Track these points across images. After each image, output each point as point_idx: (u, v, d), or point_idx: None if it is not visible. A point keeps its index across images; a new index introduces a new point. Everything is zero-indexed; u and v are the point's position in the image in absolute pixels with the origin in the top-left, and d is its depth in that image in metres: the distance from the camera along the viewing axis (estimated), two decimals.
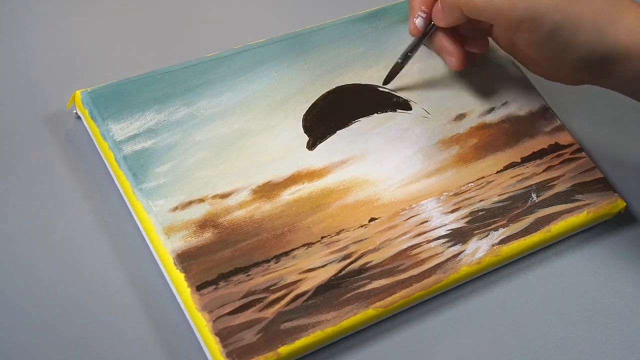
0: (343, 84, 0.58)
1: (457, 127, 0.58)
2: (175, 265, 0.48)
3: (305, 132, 0.55)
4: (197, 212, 0.50)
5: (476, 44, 0.58)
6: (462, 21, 0.55)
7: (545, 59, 0.53)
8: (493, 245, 0.53)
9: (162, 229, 0.49)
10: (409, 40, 0.59)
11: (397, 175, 0.55)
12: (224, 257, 0.49)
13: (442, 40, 0.58)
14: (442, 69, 0.60)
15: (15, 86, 0.56)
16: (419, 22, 0.57)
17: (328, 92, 0.57)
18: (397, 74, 0.58)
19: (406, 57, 0.58)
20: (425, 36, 0.58)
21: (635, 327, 0.53)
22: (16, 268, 0.49)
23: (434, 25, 0.57)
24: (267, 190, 0.52)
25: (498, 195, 0.55)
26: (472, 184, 0.56)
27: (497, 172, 0.56)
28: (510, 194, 0.55)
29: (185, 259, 0.48)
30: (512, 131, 0.59)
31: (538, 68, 0.56)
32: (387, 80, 0.58)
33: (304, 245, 0.50)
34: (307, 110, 0.56)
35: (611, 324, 0.53)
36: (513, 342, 0.52)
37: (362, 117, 0.57)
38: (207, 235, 0.49)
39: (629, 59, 0.50)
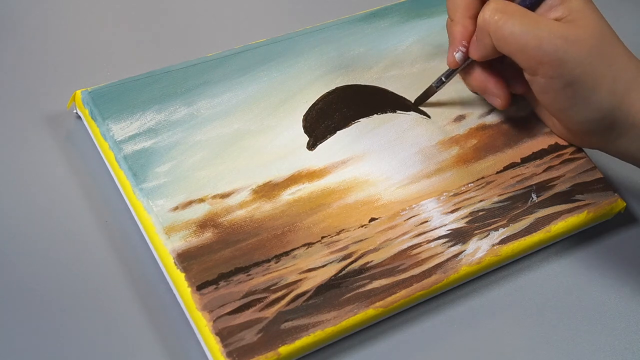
0: (343, 84, 0.58)
1: (456, 128, 0.58)
2: (176, 265, 0.48)
3: (306, 132, 0.55)
4: (198, 211, 0.50)
5: (515, 85, 0.57)
6: (492, 54, 0.54)
7: (556, 111, 0.53)
8: (493, 245, 0.53)
9: (163, 229, 0.49)
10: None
11: (397, 176, 0.55)
12: (224, 257, 0.49)
13: (484, 81, 0.56)
14: (443, 70, 0.60)
15: (15, 86, 0.56)
16: (458, 56, 0.55)
17: (328, 93, 0.57)
18: (429, 98, 0.58)
19: (441, 82, 0.58)
20: (460, 67, 0.57)
21: (636, 327, 0.53)
22: (16, 268, 0.49)
23: (469, 58, 0.56)
24: (268, 190, 0.52)
25: (498, 196, 0.55)
26: (472, 184, 0.56)
27: (497, 172, 0.57)
28: (510, 194, 0.56)
29: (185, 258, 0.48)
30: (512, 132, 0.59)
31: (551, 123, 0.57)
32: (418, 102, 0.58)
33: (304, 245, 0.50)
34: (307, 111, 0.56)
35: (611, 324, 0.53)
36: (513, 342, 0.52)
37: (362, 117, 0.57)
38: (208, 235, 0.49)
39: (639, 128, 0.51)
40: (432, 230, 0.53)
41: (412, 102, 0.58)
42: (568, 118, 0.53)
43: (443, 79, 0.58)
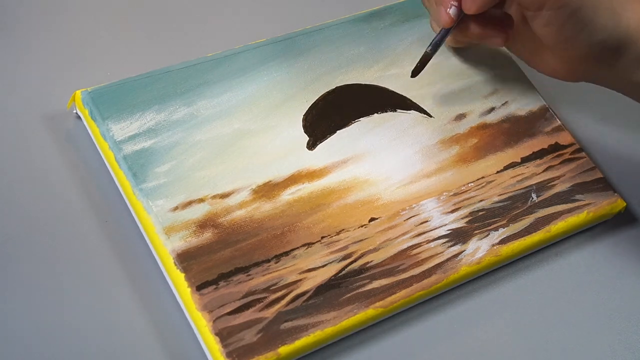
0: (343, 84, 0.58)
1: (457, 127, 0.58)
2: (175, 265, 0.48)
3: (306, 132, 0.55)
4: (197, 212, 0.50)
5: (494, 38, 0.57)
6: (491, 3, 0.54)
7: (560, 42, 0.53)
8: (493, 245, 0.53)
9: (162, 229, 0.49)
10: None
11: (397, 175, 0.55)
12: (224, 257, 0.49)
13: (479, 29, 0.56)
14: (443, 70, 0.60)
15: (15, 86, 0.56)
16: (452, 11, 0.55)
17: (328, 92, 0.57)
18: (426, 64, 0.57)
19: (436, 46, 0.56)
20: (454, 26, 0.56)
21: (636, 327, 0.53)
22: (15, 268, 0.49)
23: (462, 14, 0.56)
24: (267, 190, 0.52)
25: (498, 195, 0.55)
26: (472, 184, 0.56)
27: (497, 172, 0.56)
28: (510, 194, 0.55)
29: (185, 258, 0.48)
30: (512, 131, 0.59)
31: (542, 61, 0.56)
32: (415, 72, 0.57)
33: (304, 245, 0.50)
34: (307, 110, 0.56)
35: (611, 324, 0.53)
36: (513, 342, 0.52)
37: (362, 117, 0.57)
38: (207, 235, 0.49)
39: (637, 43, 0.52)
40: (432, 230, 0.53)
41: (410, 74, 0.57)
42: (572, 46, 0.53)
43: (438, 42, 0.56)
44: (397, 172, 0.55)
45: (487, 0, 0.54)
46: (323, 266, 0.50)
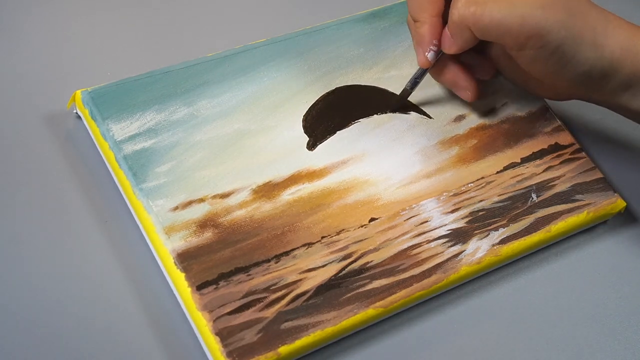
0: (343, 84, 0.58)
1: (456, 128, 0.58)
2: (176, 264, 0.48)
3: (305, 132, 0.55)
4: (198, 211, 0.50)
5: (483, 71, 0.58)
6: (471, 44, 0.54)
7: (546, 75, 0.54)
8: (493, 245, 0.53)
9: (163, 229, 0.49)
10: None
11: (397, 176, 0.55)
12: (224, 257, 0.49)
13: (454, 76, 0.57)
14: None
15: (15, 86, 0.56)
16: (431, 55, 0.55)
17: (328, 93, 0.57)
18: (407, 99, 0.58)
19: (415, 83, 0.58)
20: (432, 66, 0.57)
21: (636, 327, 0.53)
22: (15, 268, 0.49)
23: (440, 54, 0.56)
24: (268, 190, 0.52)
25: (498, 196, 0.55)
26: (472, 184, 0.56)
27: (497, 172, 0.57)
28: (510, 194, 0.56)
29: (185, 258, 0.48)
30: (512, 131, 0.59)
31: (535, 86, 0.57)
32: (397, 108, 0.58)
33: (304, 245, 0.50)
34: (307, 111, 0.56)
35: (611, 324, 0.53)
36: (513, 342, 0.52)
37: (362, 117, 0.57)
38: (208, 235, 0.49)
39: (621, 70, 0.52)
40: (432, 230, 0.53)
41: (391, 109, 0.58)
42: (558, 78, 0.54)
43: (417, 79, 0.57)
44: (397, 173, 0.55)
45: (467, 41, 0.54)
46: (323, 266, 0.50)
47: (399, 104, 0.58)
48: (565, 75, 0.53)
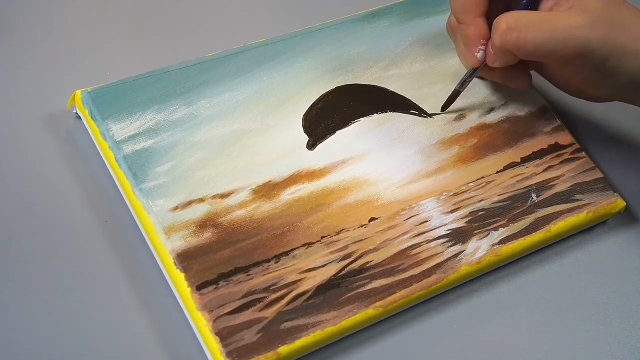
0: (343, 84, 0.58)
1: (457, 127, 0.58)
2: (176, 265, 0.48)
3: (306, 132, 0.55)
4: (198, 212, 0.50)
5: (520, 82, 0.58)
6: (514, 62, 0.55)
7: (590, 85, 0.54)
8: (493, 245, 0.53)
9: (162, 229, 0.49)
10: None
11: (397, 176, 0.55)
12: (224, 257, 0.49)
13: (507, 74, 0.57)
14: (442, 70, 0.60)
15: (15, 86, 0.56)
16: (481, 55, 0.56)
17: (328, 92, 0.57)
18: (454, 101, 0.58)
19: (465, 83, 0.58)
20: (482, 66, 0.57)
21: (636, 327, 0.53)
22: (15, 268, 0.49)
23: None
24: (268, 190, 0.52)
25: (498, 196, 0.55)
26: (472, 184, 0.56)
27: (497, 172, 0.57)
28: (510, 194, 0.56)
29: (185, 258, 0.48)
30: (512, 131, 0.59)
31: (576, 92, 0.57)
32: (445, 107, 0.58)
33: (304, 245, 0.50)
34: (307, 111, 0.56)
35: (611, 324, 0.53)
36: (513, 342, 0.52)
37: (362, 117, 0.57)
38: (208, 235, 0.49)
39: None
40: (432, 230, 0.53)
41: (440, 110, 0.58)
42: (602, 88, 0.54)
43: (468, 79, 0.58)
44: (397, 172, 0.55)
45: (510, 61, 0.54)
46: (323, 266, 0.50)
47: (447, 105, 0.58)
48: (608, 85, 0.53)
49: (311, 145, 0.55)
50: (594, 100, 0.57)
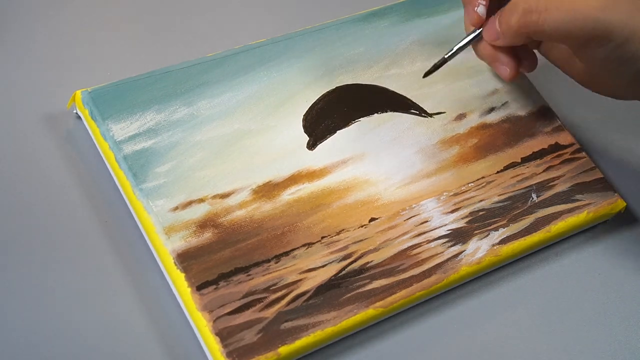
0: (343, 83, 0.58)
1: (457, 127, 0.58)
2: (176, 265, 0.48)
3: (306, 132, 0.55)
4: (198, 212, 0.50)
5: (527, 63, 0.56)
6: (522, 42, 0.53)
7: (605, 72, 0.52)
8: (493, 245, 0.53)
9: (163, 229, 0.49)
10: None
11: (397, 175, 0.55)
12: (224, 257, 0.49)
13: (496, 52, 0.55)
14: (443, 70, 0.60)
15: (15, 86, 0.56)
16: (481, 9, 0.54)
17: (328, 92, 0.57)
18: (439, 68, 0.57)
19: (455, 52, 0.56)
20: (474, 36, 0.55)
21: (636, 327, 0.53)
22: (15, 268, 0.49)
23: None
24: (268, 190, 0.52)
25: (498, 195, 0.55)
26: (472, 184, 0.56)
27: (497, 172, 0.57)
28: (511, 194, 0.55)
29: (185, 258, 0.48)
30: (512, 131, 0.59)
31: (586, 80, 0.55)
32: (427, 74, 0.57)
33: (304, 245, 0.50)
34: (307, 110, 0.56)
35: (611, 324, 0.53)
36: (513, 342, 0.52)
37: (363, 117, 0.57)
38: (207, 235, 0.49)
39: None
40: (432, 230, 0.53)
41: (422, 75, 0.57)
42: (614, 79, 0.52)
43: (461, 46, 0.56)
44: (397, 172, 0.55)
45: (516, 42, 0.53)
46: (323, 266, 0.50)
47: (431, 72, 0.57)
48: (625, 73, 0.51)
49: (311, 145, 0.55)
50: (603, 92, 0.55)
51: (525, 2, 0.51)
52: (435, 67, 0.57)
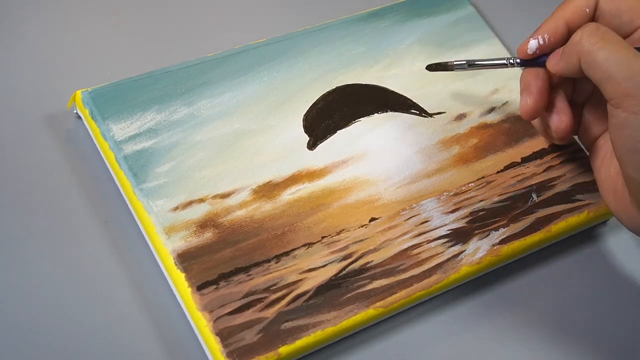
0: (343, 83, 0.58)
1: (457, 127, 0.58)
2: (176, 265, 0.48)
3: (306, 132, 0.55)
4: (198, 212, 0.50)
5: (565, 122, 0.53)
6: (572, 74, 0.50)
7: (627, 152, 0.47)
8: (493, 245, 0.53)
9: (163, 229, 0.49)
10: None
11: (398, 175, 0.55)
12: (224, 257, 0.49)
13: (532, 79, 0.53)
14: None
15: (15, 86, 0.56)
16: (533, 44, 0.52)
17: (328, 92, 0.57)
18: (443, 71, 0.57)
19: (474, 65, 0.55)
20: (498, 63, 0.54)
21: (636, 328, 0.53)
22: (15, 268, 0.49)
23: (541, 59, 0.53)
24: (268, 190, 0.52)
25: (498, 195, 0.55)
26: (472, 184, 0.56)
27: (498, 172, 0.57)
28: (511, 194, 0.55)
29: (185, 258, 0.48)
30: (513, 131, 0.59)
31: (608, 187, 0.51)
32: (431, 67, 0.57)
33: (304, 245, 0.50)
34: (307, 110, 0.56)
35: (611, 325, 0.53)
36: (513, 342, 0.52)
37: (363, 117, 0.57)
38: (208, 235, 0.49)
39: None
40: (432, 230, 0.53)
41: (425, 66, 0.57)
42: (637, 164, 0.47)
43: (478, 63, 0.55)
44: (397, 172, 0.55)
45: (570, 68, 0.50)
46: (323, 266, 0.50)
47: (433, 69, 0.57)
48: None
49: (311, 145, 0.55)
50: (629, 219, 0.50)
51: (596, 26, 0.49)
52: (441, 67, 0.57)
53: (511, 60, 0.54)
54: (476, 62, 0.56)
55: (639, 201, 0.48)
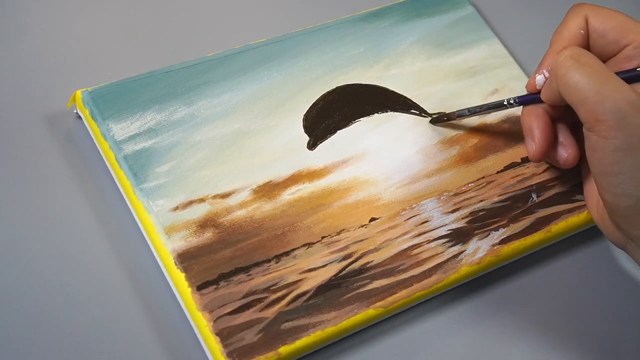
0: (343, 83, 0.58)
1: (457, 127, 0.58)
2: (176, 265, 0.48)
3: (306, 132, 0.55)
4: (198, 211, 0.50)
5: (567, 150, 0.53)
6: (558, 102, 0.50)
7: (599, 175, 0.48)
8: (493, 245, 0.53)
9: (163, 229, 0.49)
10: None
11: (398, 175, 0.55)
12: (224, 257, 0.49)
13: (533, 121, 0.53)
14: (442, 70, 0.60)
15: (15, 86, 0.56)
16: (540, 79, 0.52)
17: (328, 92, 0.57)
18: (446, 122, 0.57)
19: (475, 112, 0.56)
20: (510, 105, 0.54)
21: (636, 328, 0.53)
22: (16, 268, 0.49)
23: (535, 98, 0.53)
24: (268, 190, 0.52)
25: (498, 196, 0.55)
26: (472, 184, 0.56)
27: (498, 172, 0.57)
28: (511, 194, 0.56)
29: (185, 258, 0.48)
30: (513, 131, 0.59)
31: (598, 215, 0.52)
32: (434, 120, 0.57)
33: (304, 245, 0.50)
34: (307, 110, 0.56)
35: (611, 325, 0.53)
36: (513, 342, 0.52)
37: (363, 117, 0.57)
38: (208, 235, 0.49)
39: None
40: (432, 230, 0.53)
41: (430, 120, 0.58)
42: (608, 186, 0.47)
43: (467, 112, 0.56)
44: (397, 172, 0.55)
45: (552, 94, 0.50)
46: (323, 266, 0.50)
47: (437, 120, 0.57)
48: (617, 186, 0.46)
49: (311, 145, 0.55)
50: (611, 232, 0.51)
51: (574, 49, 0.48)
52: (444, 119, 0.57)
53: (511, 101, 0.54)
54: (477, 109, 0.56)
55: (614, 219, 0.49)
